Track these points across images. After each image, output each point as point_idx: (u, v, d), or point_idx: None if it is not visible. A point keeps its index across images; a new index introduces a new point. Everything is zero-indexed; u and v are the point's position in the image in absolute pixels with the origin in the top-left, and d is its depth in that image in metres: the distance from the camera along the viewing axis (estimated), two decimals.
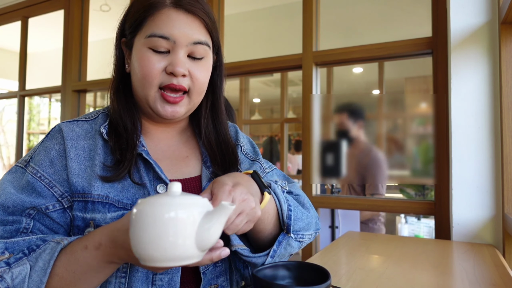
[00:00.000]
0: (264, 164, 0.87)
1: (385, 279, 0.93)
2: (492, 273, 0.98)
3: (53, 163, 0.68)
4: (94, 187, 0.67)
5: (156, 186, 0.70)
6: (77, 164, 0.68)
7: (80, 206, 0.67)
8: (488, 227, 1.34)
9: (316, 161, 1.69)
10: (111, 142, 0.70)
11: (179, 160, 0.78)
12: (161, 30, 0.67)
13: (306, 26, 1.83)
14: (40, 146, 0.71)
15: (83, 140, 0.71)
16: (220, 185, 0.58)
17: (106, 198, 0.67)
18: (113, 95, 0.75)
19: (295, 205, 0.75)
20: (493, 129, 1.35)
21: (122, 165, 0.68)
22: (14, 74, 2.89)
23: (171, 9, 0.68)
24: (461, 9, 1.40)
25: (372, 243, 1.35)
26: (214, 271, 0.73)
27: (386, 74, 3.73)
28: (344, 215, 2.78)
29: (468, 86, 1.39)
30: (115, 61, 0.77)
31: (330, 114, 1.72)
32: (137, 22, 0.70)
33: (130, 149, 0.69)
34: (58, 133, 0.71)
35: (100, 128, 0.72)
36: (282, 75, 4.07)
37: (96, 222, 0.66)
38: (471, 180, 1.37)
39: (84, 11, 2.59)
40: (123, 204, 0.67)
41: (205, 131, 0.80)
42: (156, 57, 0.68)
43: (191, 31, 0.69)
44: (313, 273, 0.63)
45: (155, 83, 0.69)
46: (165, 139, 0.79)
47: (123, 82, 0.76)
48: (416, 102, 1.66)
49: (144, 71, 0.68)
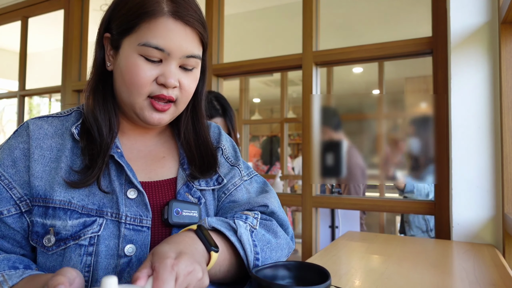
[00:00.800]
0: (243, 171, 0.83)
1: (385, 279, 0.93)
2: (492, 273, 0.98)
3: (15, 163, 0.65)
4: (56, 192, 0.64)
5: (126, 191, 0.67)
6: (40, 166, 0.65)
7: (40, 211, 0.64)
8: (488, 227, 1.34)
9: (316, 161, 1.69)
10: (82, 144, 0.67)
11: (155, 161, 0.75)
12: (157, 40, 0.64)
13: (306, 26, 1.83)
14: (5, 143, 0.68)
15: (51, 138, 0.68)
16: (162, 258, 0.50)
17: (68, 204, 0.64)
18: (91, 93, 0.71)
19: (262, 246, 0.69)
20: (493, 129, 1.35)
21: (90, 172, 0.65)
22: (14, 74, 2.89)
23: (169, 18, 0.64)
24: (461, 9, 1.40)
25: (372, 243, 1.35)
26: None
27: (386, 74, 3.73)
28: (344, 215, 2.78)
29: (468, 86, 1.39)
30: (95, 57, 0.72)
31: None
32: (129, 24, 0.66)
33: (102, 155, 0.66)
34: (24, 130, 0.68)
35: (71, 128, 0.69)
36: (282, 75, 4.07)
37: (56, 229, 0.63)
38: (471, 180, 1.37)
39: (84, 11, 2.59)
40: (87, 210, 0.64)
41: (185, 132, 0.78)
42: (147, 66, 0.65)
43: (186, 44, 0.66)
44: (313, 273, 0.63)
45: (144, 92, 0.66)
46: (142, 139, 0.77)
47: (103, 80, 0.72)
48: (416, 102, 1.66)
49: (134, 79, 0.65)
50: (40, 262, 0.66)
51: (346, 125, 1.72)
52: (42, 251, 0.65)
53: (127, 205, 0.66)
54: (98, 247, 0.63)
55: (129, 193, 0.67)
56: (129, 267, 0.64)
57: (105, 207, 0.65)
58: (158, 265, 0.49)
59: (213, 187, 0.77)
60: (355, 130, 1.70)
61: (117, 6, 0.69)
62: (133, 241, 0.65)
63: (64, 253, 0.64)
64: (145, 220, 0.67)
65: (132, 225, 0.66)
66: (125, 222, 0.65)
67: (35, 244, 0.65)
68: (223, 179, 0.78)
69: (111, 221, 0.65)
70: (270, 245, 0.71)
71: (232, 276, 0.68)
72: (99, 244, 0.64)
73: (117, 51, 0.69)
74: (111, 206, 0.66)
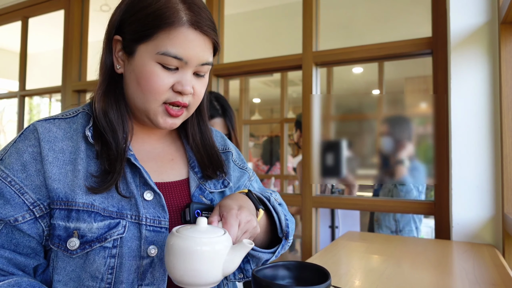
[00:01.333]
0: (250, 172, 0.91)
1: (385, 279, 0.93)
2: (492, 273, 0.98)
3: (25, 167, 0.64)
4: (78, 194, 0.63)
5: (143, 193, 0.68)
6: (57, 168, 0.64)
7: (62, 214, 0.63)
8: (488, 227, 1.34)
9: (316, 161, 1.69)
10: (97, 147, 0.67)
11: (165, 162, 0.77)
12: (176, 50, 0.64)
13: (306, 26, 1.83)
14: (11, 147, 0.66)
15: (61, 141, 0.67)
16: (228, 209, 0.64)
17: (91, 207, 0.64)
18: (102, 96, 0.70)
19: (288, 215, 0.82)
20: (493, 129, 1.35)
21: (110, 177, 0.65)
22: (14, 74, 2.89)
23: (189, 29, 0.65)
24: (461, 9, 1.40)
25: (372, 243, 1.35)
26: None
27: (386, 74, 3.73)
28: (344, 215, 2.78)
29: (468, 86, 1.39)
30: (104, 59, 0.72)
31: (330, 114, 1.72)
32: (146, 32, 0.65)
33: (120, 159, 0.66)
34: (32, 133, 0.66)
35: (84, 130, 0.69)
36: (282, 75, 4.07)
37: (81, 232, 0.63)
38: (471, 180, 1.37)
39: (84, 11, 2.59)
40: (108, 212, 0.65)
41: (192, 134, 0.80)
42: (164, 74, 0.66)
43: (203, 52, 0.67)
44: (313, 273, 0.63)
45: (160, 99, 0.67)
46: (150, 140, 0.78)
47: (113, 82, 0.71)
48: (416, 102, 1.66)
49: (151, 86, 0.66)
50: (60, 266, 0.65)
51: (346, 125, 1.72)
52: (65, 255, 0.64)
53: (145, 207, 0.68)
54: (121, 249, 0.64)
55: (145, 195, 0.68)
56: (152, 267, 0.66)
57: (125, 210, 0.66)
58: (226, 213, 0.63)
59: (221, 189, 0.80)
60: (355, 130, 1.70)
61: (130, 9, 0.68)
62: (154, 242, 0.67)
63: (87, 256, 0.64)
64: (163, 221, 0.68)
65: (152, 226, 0.67)
66: (145, 224, 0.66)
67: (56, 248, 0.64)
68: (229, 182, 0.82)
69: (132, 223, 0.66)
70: (290, 218, 0.82)
71: (265, 236, 0.79)
72: (122, 246, 0.64)
73: (130, 56, 0.68)
74: (130, 208, 0.67)
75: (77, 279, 0.64)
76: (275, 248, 0.76)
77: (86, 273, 0.64)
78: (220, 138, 0.89)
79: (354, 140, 1.70)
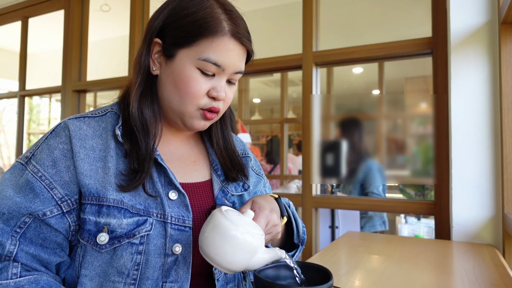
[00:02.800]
0: (265, 178, 0.95)
1: (385, 279, 0.93)
2: (492, 273, 0.98)
3: (55, 163, 0.66)
4: (109, 191, 0.65)
5: (168, 192, 0.70)
6: (88, 165, 0.66)
7: (93, 209, 0.65)
8: (488, 227, 1.34)
9: (316, 161, 1.69)
10: (126, 146, 0.69)
11: (188, 164, 0.79)
12: (217, 57, 0.68)
13: (306, 26, 1.83)
14: (43, 143, 0.68)
15: (91, 139, 0.68)
16: (261, 208, 0.68)
17: (121, 203, 0.66)
18: (140, 97, 0.72)
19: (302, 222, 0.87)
20: (493, 129, 1.35)
21: (139, 176, 0.67)
22: (14, 74, 2.89)
23: (230, 38, 0.69)
24: (461, 9, 1.40)
25: (372, 243, 1.35)
26: (225, 278, 0.75)
27: (386, 74, 3.73)
28: (344, 215, 2.78)
29: (468, 86, 1.39)
30: (142, 60, 0.73)
31: (330, 114, 1.72)
32: (189, 38, 0.68)
33: (148, 159, 0.68)
34: (63, 131, 0.68)
35: (114, 129, 0.70)
36: (282, 75, 4.07)
37: (111, 227, 0.65)
38: (471, 180, 1.37)
39: (84, 11, 2.59)
40: (136, 209, 0.67)
41: (216, 138, 0.83)
42: (202, 79, 0.69)
43: (239, 62, 0.72)
44: (315, 273, 0.63)
45: (196, 103, 0.70)
46: (175, 141, 0.80)
47: (149, 83, 0.73)
48: (416, 102, 1.66)
49: (189, 90, 0.69)
50: (87, 261, 0.66)
51: (346, 125, 1.72)
52: (93, 250, 0.66)
53: (170, 206, 0.70)
54: (148, 246, 0.66)
55: (170, 195, 0.70)
56: (176, 265, 0.68)
57: (151, 208, 0.68)
58: (259, 211, 0.67)
59: (241, 192, 0.83)
60: (355, 130, 1.70)
61: (174, 15, 0.70)
62: (179, 240, 0.69)
63: (114, 252, 0.65)
64: (187, 221, 0.70)
65: (177, 225, 0.69)
66: (170, 222, 0.68)
67: (86, 243, 0.66)
68: (249, 186, 0.85)
69: (158, 221, 0.68)
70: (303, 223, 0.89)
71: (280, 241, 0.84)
72: (149, 243, 0.66)
73: (170, 59, 0.70)
74: (156, 207, 0.69)
75: (103, 274, 0.66)
76: (292, 252, 0.82)
77: (113, 268, 0.65)
78: (240, 143, 0.92)
79: (354, 140, 1.70)
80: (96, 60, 3.01)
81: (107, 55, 3.82)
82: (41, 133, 6.80)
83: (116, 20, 3.70)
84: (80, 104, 2.59)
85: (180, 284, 0.68)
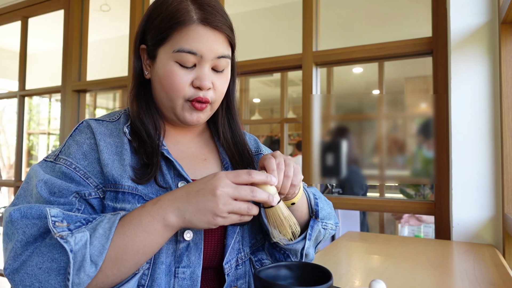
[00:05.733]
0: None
1: (385, 279, 0.93)
2: (492, 273, 0.98)
3: (86, 156, 0.70)
4: (124, 179, 0.69)
5: (177, 183, 0.73)
6: (107, 155, 0.70)
7: (111, 196, 0.69)
8: (488, 227, 1.34)
9: (316, 161, 1.69)
10: (134, 143, 0.73)
11: (198, 162, 0.81)
12: (190, 45, 0.70)
13: (306, 26, 1.83)
14: (68, 140, 0.73)
15: (109, 137, 0.73)
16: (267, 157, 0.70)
17: (135, 190, 0.69)
18: (134, 100, 0.78)
19: (319, 196, 0.87)
20: (493, 129, 1.35)
21: (150, 170, 0.70)
22: (14, 74, 2.89)
23: (199, 25, 0.70)
24: (461, 9, 1.40)
25: (372, 243, 1.35)
26: (235, 273, 0.76)
27: (386, 74, 3.73)
28: (344, 215, 2.78)
29: (468, 86, 1.39)
30: (134, 67, 0.79)
31: (330, 114, 1.72)
32: (163, 35, 0.72)
33: (155, 153, 0.72)
34: (87, 128, 0.73)
35: (123, 127, 0.75)
36: (282, 75, 4.07)
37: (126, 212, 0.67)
38: (471, 180, 1.37)
39: (84, 11, 2.59)
40: (149, 197, 0.70)
41: (223, 131, 0.84)
42: (183, 72, 0.71)
43: (217, 46, 0.72)
44: (315, 273, 0.63)
45: (181, 96, 0.72)
46: (183, 140, 0.82)
47: (143, 87, 0.78)
48: (416, 102, 1.66)
49: (171, 84, 0.71)
50: None
51: (346, 125, 1.72)
52: None
53: None
54: None
55: (179, 185, 0.72)
56: (188, 251, 0.70)
57: None
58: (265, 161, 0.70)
59: None
60: (355, 130, 1.70)
61: (149, 18, 0.75)
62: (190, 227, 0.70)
63: None
64: None
65: None
66: None
67: None
68: None
69: None
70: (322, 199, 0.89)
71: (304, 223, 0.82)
72: None
73: (153, 61, 0.75)
74: None
75: None
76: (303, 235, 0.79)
77: None
78: (254, 141, 0.93)
79: (354, 140, 1.70)
80: (96, 60, 3.01)
81: (107, 55, 3.82)
82: (41, 133, 6.81)
83: (116, 20, 3.70)
84: (80, 104, 2.59)
85: (193, 269, 0.69)
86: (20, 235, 0.59)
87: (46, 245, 0.58)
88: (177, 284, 0.68)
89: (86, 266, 0.56)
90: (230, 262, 0.75)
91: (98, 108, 6.10)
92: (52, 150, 0.75)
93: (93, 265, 0.57)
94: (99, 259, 0.57)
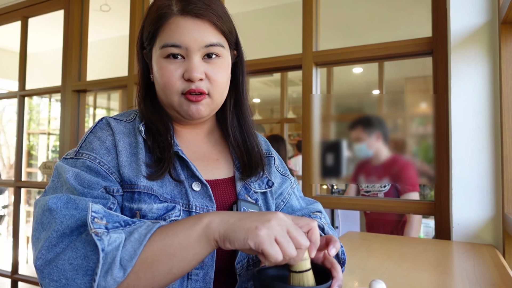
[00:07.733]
0: (292, 179, 0.93)
1: (385, 279, 0.93)
2: (492, 273, 0.98)
3: (109, 152, 0.70)
4: (140, 179, 0.69)
5: (191, 184, 0.73)
6: (124, 156, 0.71)
7: (128, 196, 0.69)
8: (488, 227, 1.34)
9: (316, 161, 1.69)
10: (149, 141, 0.73)
11: (210, 162, 0.81)
12: (172, 39, 0.70)
13: (306, 26, 1.83)
14: (89, 136, 0.72)
15: (126, 137, 0.74)
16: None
17: (151, 190, 0.69)
18: (141, 102, 0.79)
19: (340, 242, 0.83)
20: (493, 129, 1.35)
21: (163, 164, 0.70)
22: (14, 74, 2.88)
23: (178, 17, 0.70)
24: (461, 9, 1.40)
25: (372, 243, 1.35)
26: (246, 274, 0.76)
27: (386, 74, 3.74)
28: (344, 215, 2.78)
29: (468, 86, 1.39)
30: (140, 72, 0.81)
31: (330, 114, 1.72)
32: (151, 35, 0.73)
33: (167, 148, 0.72)
34: (107, 125, 0.74)
35: (139, 126, 0.75)
36: (282, 75, 4.07)
37: (142, 212, 0.68)
38: (471, 180, 1.37)
39: (84, 11, 2.59)
40: (164, 198, 0.70)
41: (231, 128, 0.83)
42: (172, 66, 0.71)
43: (201, 35, 0.71)
44: (315, 273, 0.63)
45: (175, 90, 0.72)
46: (194, 140, 0.82)
47: (150, 90, 0.80)
48: (416, 102, 1.66)
49: (164, 80, 0.72)
50: None
51: (347, 125, 1.72)
52: None
53: (194, 196, 0.72)
54: None
55: (193, 186, 0.73)
56: None
57: (177, 198, 0.71)
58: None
59: (265, 190, 0.83)
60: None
61: (143, 23, 0.77)
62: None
63: None
64: (211, 210, 0.73)
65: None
66: (195, 212, 0.71)
67: None
68: (274, 183, 0.85)
69: (183, 210, 0.71)
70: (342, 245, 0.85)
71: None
72: None
73: (151, 62, 0.76)
74: (181, 197, 0.72)
75: None
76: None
77: None
78: (264, 143, 0.92)
79: None
80: (96, 60, 3.01)
81: (107, 55, 3.82)
82: (41, 133, 6.80)
83: (116, 20, 3.70)
84: (80, 104, 2.58)
85: (206, 271, 0.69)
86: (58, 225, 0.57)
87: (82, 240, 0.56)
88: (190, 286, 0.68)
89: (115, 269, 0.54)
90: (242, 262, 0.74)
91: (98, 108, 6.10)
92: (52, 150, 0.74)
93: (122, 270, 0.54)
94: (129, 264, 0.55)
